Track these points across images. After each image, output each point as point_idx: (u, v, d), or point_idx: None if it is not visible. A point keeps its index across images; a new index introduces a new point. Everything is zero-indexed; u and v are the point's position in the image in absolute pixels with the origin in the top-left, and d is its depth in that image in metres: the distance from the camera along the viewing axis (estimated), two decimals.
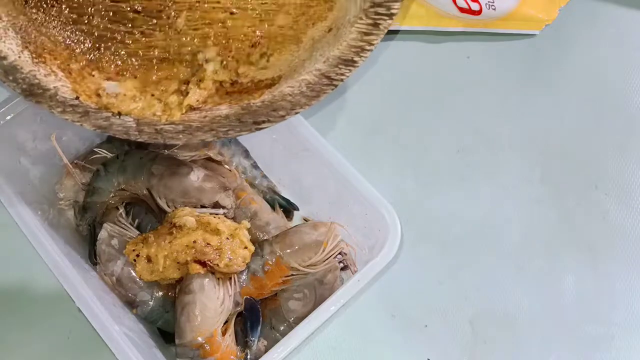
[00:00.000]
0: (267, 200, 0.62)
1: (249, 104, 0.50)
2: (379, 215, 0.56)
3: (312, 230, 0.56)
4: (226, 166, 0.62)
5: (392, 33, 0.70)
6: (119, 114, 0.50)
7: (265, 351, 0.53)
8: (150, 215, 0.61)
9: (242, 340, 0.55)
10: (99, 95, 0.51)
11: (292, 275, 0.56)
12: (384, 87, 0.68)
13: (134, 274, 0.57)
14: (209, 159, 0.62)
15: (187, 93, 0.52)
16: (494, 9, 0.68)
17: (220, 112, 0.50)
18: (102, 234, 0.58)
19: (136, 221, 0.61)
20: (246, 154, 0.64)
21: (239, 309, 0.56)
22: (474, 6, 0.68)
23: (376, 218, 0.56)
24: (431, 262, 0.61)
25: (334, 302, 0.53)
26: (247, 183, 0.63)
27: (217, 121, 0.50)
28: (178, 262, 0.54)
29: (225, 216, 0.57)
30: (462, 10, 0.68)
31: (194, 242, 0.53)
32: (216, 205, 0.58)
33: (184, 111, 0.51)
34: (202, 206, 0.57)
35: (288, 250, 0.55)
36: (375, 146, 0.65)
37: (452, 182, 0.64)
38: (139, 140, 0.49)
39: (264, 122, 0.49)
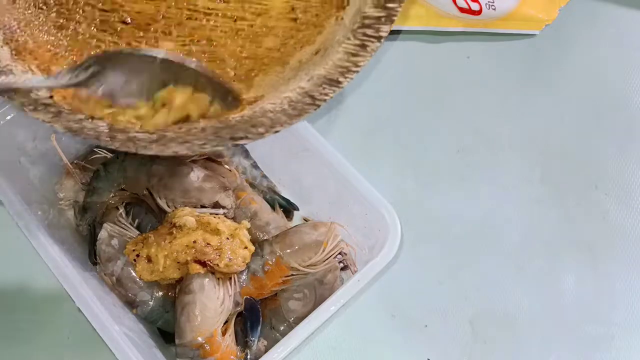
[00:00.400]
0: (267, 200, 0.62)
1: (227, 118, 0.48)
2: (379, 215, 0.56)
3: (312, 230, 0.56)
4: (226, 166, 0.62)
5: (392, 33, 0.70)
6: (92, 117, 0.48)
7: (265, 351, 0.53)
8: (150, 215, 0.61)
9: (242, 340, 0.55)
10: (74, 97, 0.49)
11: (292, 275, 0.56)
12: (383, 87, 0.68)
13: (134, 274, 0.56)
14: (209, 159, 0.62)
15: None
16: (494, 9, 0.68)
17: (197, 125, 0.48)
18: (102, 234, 0.58)
19: (136, 221, 0.60)
20: (246, 154, 0.64)
21: (239, 309, 0.56)
22: (474, 6, 0.68)
23: (376, 218, 0.56)
24: (431, 262, 0.61)
25: (334, 302, 0.53)
26: (247, 183, 0.63)
27: (193, 133, 0.47)
28: (178, 262, 0.54)
29: (225, 216, 0.57)
30: (462, 10, 0.68)
31: (194, 242, 0.53)
32: (216, 205, 0.58)
33: None
34: (202, 206, 0.57)
35: (288, 250, 0.55)
36: (375, 146, 0.65)
37: (452, 182, 0.64)
38: (110, 147, 0.47)
39: (241, 138, 0.46)
